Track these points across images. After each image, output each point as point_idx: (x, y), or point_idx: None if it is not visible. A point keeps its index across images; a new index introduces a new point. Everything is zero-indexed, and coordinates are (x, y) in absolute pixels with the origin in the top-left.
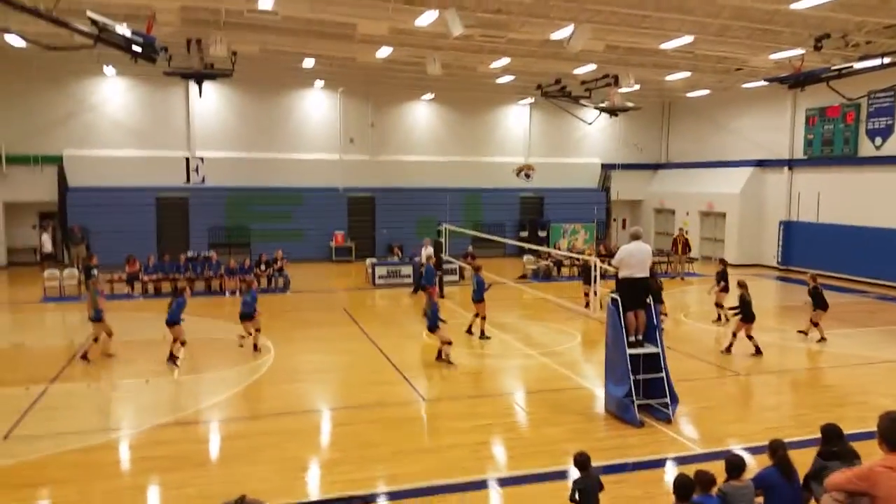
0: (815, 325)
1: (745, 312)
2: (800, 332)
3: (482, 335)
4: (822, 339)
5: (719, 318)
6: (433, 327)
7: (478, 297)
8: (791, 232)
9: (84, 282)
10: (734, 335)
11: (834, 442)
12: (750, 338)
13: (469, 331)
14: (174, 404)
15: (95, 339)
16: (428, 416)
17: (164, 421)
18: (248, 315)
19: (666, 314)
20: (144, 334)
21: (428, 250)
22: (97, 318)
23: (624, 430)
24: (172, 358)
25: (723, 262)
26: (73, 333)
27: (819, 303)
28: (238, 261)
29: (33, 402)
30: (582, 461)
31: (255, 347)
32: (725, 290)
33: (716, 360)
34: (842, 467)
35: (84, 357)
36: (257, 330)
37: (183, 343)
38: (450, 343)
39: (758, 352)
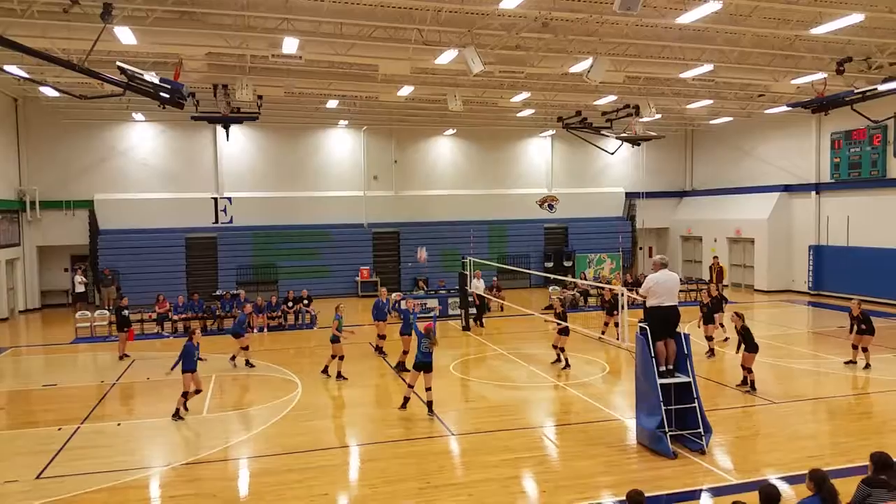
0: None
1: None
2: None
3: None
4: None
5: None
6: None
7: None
8: (821, 256)
9: (115, 322)
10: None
11: (883, 471)
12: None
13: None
14: (202, 442)
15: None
16: (457, 450)
17: (193, 459)
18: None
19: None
20: (174, 373)
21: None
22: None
23: (657, 461)
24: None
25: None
26: (104, 373)
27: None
28: (265, 298)
29: (65, 441)
30: (638, 501)
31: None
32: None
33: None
34: (888, 497)
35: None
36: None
37: (198, 391)
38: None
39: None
